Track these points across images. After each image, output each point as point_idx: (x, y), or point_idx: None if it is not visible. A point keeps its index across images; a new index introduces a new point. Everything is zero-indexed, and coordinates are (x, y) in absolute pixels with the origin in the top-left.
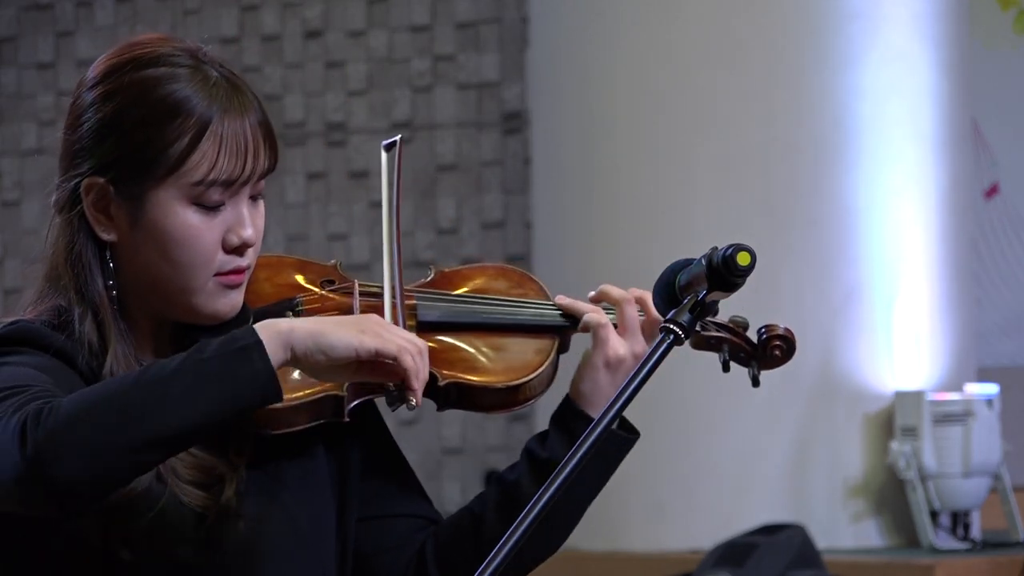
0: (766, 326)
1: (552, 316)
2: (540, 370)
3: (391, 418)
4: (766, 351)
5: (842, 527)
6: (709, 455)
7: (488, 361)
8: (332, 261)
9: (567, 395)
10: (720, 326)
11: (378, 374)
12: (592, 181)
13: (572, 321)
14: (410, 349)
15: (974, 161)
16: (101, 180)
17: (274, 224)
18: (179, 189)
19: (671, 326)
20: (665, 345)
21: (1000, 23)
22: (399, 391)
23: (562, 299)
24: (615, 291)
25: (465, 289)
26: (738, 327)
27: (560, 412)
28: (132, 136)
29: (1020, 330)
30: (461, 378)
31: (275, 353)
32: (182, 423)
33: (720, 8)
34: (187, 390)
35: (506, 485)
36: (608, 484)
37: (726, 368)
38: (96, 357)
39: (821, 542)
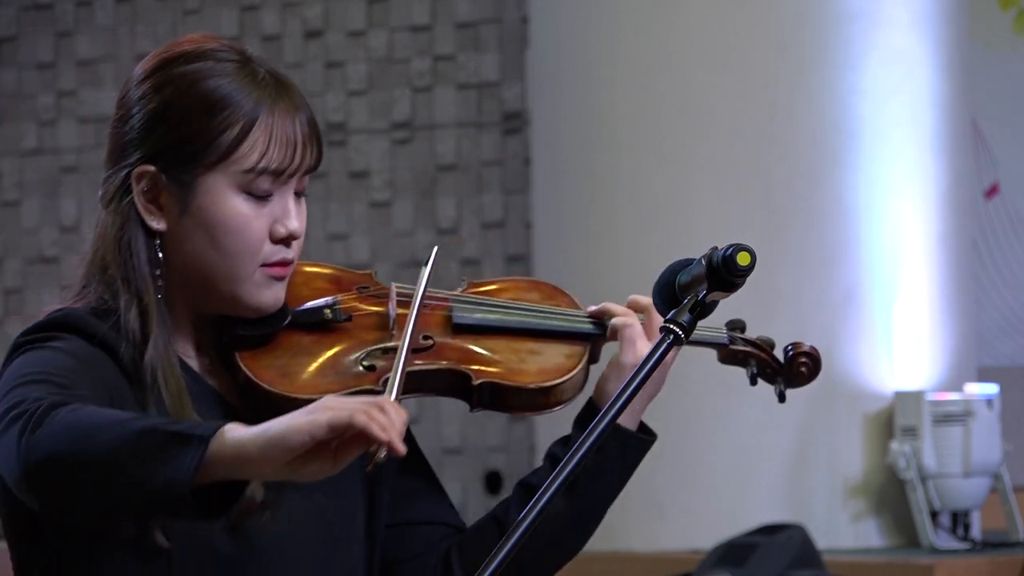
0: (792, 344)
1: (584, 325)
2: (572, 373)
3: None
4: (792, 368)
5: (842, 527)
6: (709, 455)
7: (522, 363)
8: (368, 271)
9: (590, 398)
10: (748, 341)
11: (356, 446)
12: (592, 181)
13: (602, 330)
14: (362, 408)
15: (974, 161)
16: (152, 168)
17: None
18: (230, 176)
19: (671, 326)
20: (665, 345)
21: (1000, 23)
22: (374, 450)
23: (592, 308)
24: (642, 299)
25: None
26: (765, 344)
27: (583, 414)
28: (183, 125)
29: (1020, 330)
30: (495, 379)
31: (219, 459)
32: (121, 492)
33: (720, 8)
34: (128, 455)
35: (530, 489)
36: None
37: (753, 382)
38: (137, 347)
39: (821, 542)
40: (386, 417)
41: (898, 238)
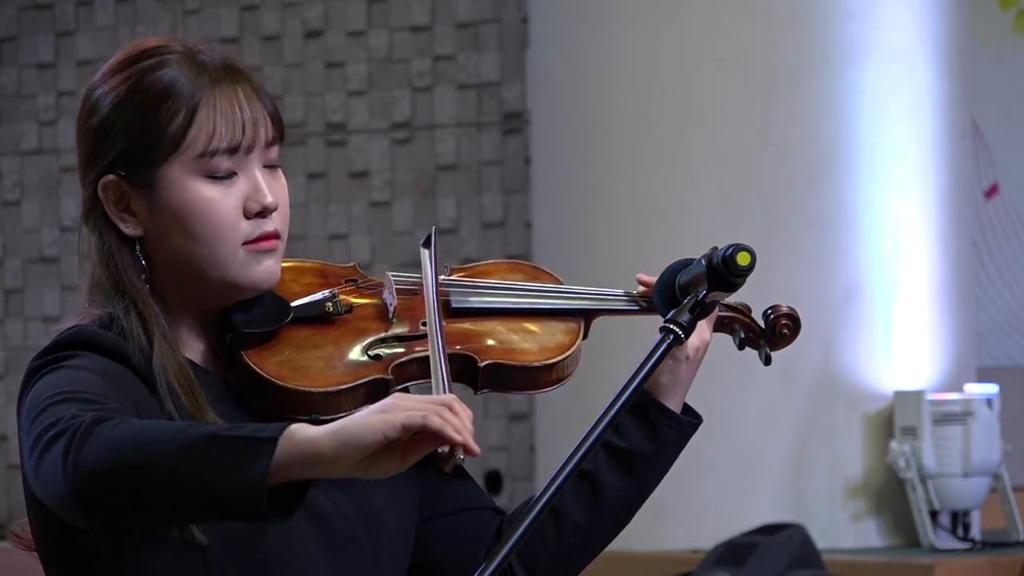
0: (771, 307)
1: (573, 302)
2: (572, 350)
3: None
4: (775, 331)
5: (842, 527)
6: (709, 455)
7: (523, 343)
8: (350, 263)
9: (645, 388)
10: (730, 307)
11: (426, 445)
12: (592, 181)
13: (593, 309)
14: (434, 409)
15: (974, 161)
16: (113, 177)
17: None
18: (185, 165)
19: (671, 326)
20: (665, 345)
21: (1000, 23)
22: (448, 451)
23: (643, 276)
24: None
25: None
26: (745, 309)
27: (637, 403)
28: (130, 127)
29: (1020, 330)
30: (500, 359)
31: (290, 460)
32: (177, 498)
33: (720, 8)
34: (194, 462)
35: (584, 475)
36: None
37: (741, 347)
38: (144, 353)
39: (821, 542)
40: (458, 418)
41: (898, 238)
